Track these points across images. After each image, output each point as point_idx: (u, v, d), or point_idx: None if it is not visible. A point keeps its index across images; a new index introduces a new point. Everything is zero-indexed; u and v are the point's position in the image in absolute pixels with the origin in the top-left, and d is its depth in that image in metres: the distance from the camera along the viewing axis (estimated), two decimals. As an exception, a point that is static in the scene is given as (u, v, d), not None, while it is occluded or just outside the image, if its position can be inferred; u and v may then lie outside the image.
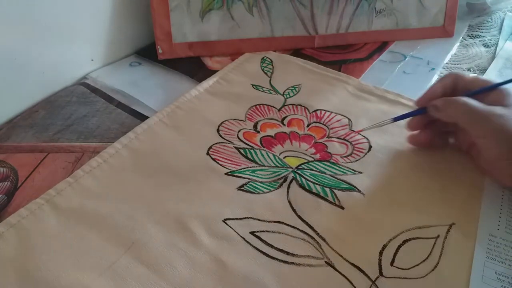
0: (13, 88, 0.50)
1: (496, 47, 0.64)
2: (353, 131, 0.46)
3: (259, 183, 0.41)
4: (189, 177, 0.42)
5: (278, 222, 0.38)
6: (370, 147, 0.45)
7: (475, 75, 0.41)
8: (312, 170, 0.43)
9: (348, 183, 0.41)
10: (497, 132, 0.36)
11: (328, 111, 0.50)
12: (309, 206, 0.39)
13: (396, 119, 0.42)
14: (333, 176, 0.42)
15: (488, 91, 0.39)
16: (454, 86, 0.41)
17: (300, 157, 0.44)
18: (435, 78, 0.57)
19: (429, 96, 0.41)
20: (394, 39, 0.65)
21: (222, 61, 0.60)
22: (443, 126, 0.42)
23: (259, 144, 0.46)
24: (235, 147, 0.45)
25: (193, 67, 0.59)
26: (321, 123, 0.49)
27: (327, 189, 0.40)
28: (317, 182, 0.41)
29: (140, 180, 0.41)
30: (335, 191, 0.40)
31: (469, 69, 0.60)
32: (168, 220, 0.38)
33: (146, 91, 0.55)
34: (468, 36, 0.68)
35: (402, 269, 0.34)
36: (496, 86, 0.39)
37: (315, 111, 0.50)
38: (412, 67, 0.60)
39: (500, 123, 0.36)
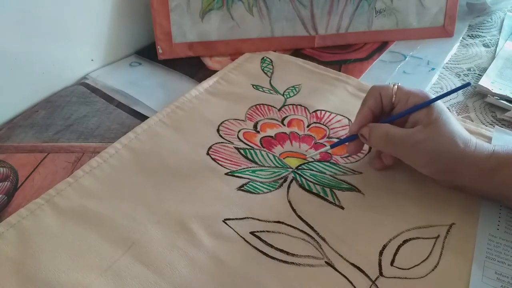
0: (13, 88, 0.50)
1: (496, 47, 0.64)
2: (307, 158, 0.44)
3: (259, 183, 0.41)
4: (189, 177, 0.42)
5: (278, 222, 0.38)
6: (370, 147, 0.45)
7: (396, 85, 0.39)
8: (312, 170, 0.43)
9: (348, 183, 0.41)
10: (418, 157, 0.37)
11: (328, 112, 0.50)
12: (309, 206, 0.39)
13: (333, 146, 0.42)
14: (333, 176, 0.42)
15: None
16: (380, 103, 0.40)
17: (299, 157, 0.44)
18: (435, 78, 0.57)
19: (359, 122, 0.40)
20: (394, 39, 0.65)
21: (222, 61, 0.60)
22: None
23: (259, 144, 0.46)
24: (235, 147, 0.45)
25: (193, 67, 0.59)
26: (321, 124, 0.49)
27: (327, 189, 0.40)
28: (317, 182, 0.41)
29: (140, 180, 0.41)
30: (335, 191, 0.40)
31: (469, 69, 0.60)
32: (168, 220, 0.38)
33: (146, 91, 0.55)
34: (468, 36, 0.68)
35: (402, 269, 0.34)
36: (416, 109, 0.37)
37: (315, 111, 0.50)
38: (412, 67, 0.60)
39: (420, 151, 0.36)
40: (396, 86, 0.39)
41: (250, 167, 0.43)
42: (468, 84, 0.39)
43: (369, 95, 0.40)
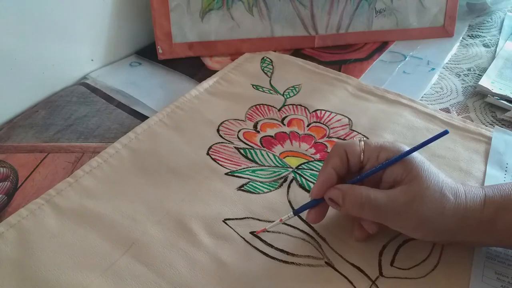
0: (13, 88, 0.50)
1: (496, 47, 0.64)
2: (255, 232, 0.37)
3: (259, 183, 0.41)
4: (189, 177, 0.42)
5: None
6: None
7: (363, 141, 0.35)
8: (312, 170, 0.43)
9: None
10: (408, 222, 0.32)
11: (328, 111, 0.50)
12: (309, 206, 0.39)
13: (296, 212, 0.36)
14: (333, 176, 0.42)
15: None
16: (346, 162, 0.35)
17: (300, 157, 0.44)
18: (435, 78, 0.57)
19: (324, 185, 0.34)
20: (394, 39, 0.65)
21: (222, 61, 0.60)
22: None
23: (259, 144, 0.46)
24: (235, 147, 0.45)
25: (193, 67, 0.59)
26: (321, 123, 0.49)
27: (327, 189, 0.40)
28: (317, 182, 0.41)
29: (140, 180, 0.41)
30: (335, 191, 0.40)
31: (469, 69, 0.60)
32: (168, 220, 0.38)
33: (146, 91, 0.55)
34: (468, 36, 0.68)
35: (402, 269, 0.34)
36: (389, 164, 0.33)
37: (315, 111, 0.50)
38: (412, 67, 0.60)
39: (410, 213, 0.31)
40: (362, 143, 0.34)
41: (250, 167, 0.43)
42: (445, 132, 0.33)
43: (333, 153, 0.35)
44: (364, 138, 0.35)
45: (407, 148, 0.33)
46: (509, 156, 0.44)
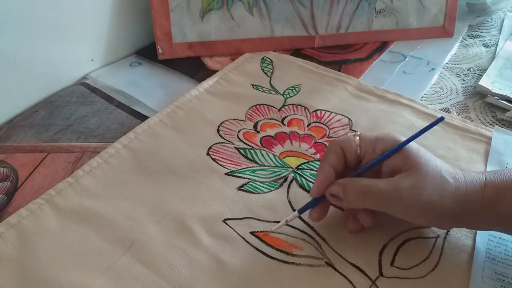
0: (13, 88, 0.50)
1: (496, 47, 0.64)
2: (259, 232, 0.37)
3: (259, 183, 0.41)
4: (189, 177, 0.42)
5: (278, 222, 0.37)
6: None
7: (357, 135, 0.35)
8: (312, 170, 0.43)
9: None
10: (412, 208, 0.32)
11: (328, 111, 0.50)
12: (309, 206, 0.39)
13: (301, 211, 0.36)
14: (333, 176, 0.42)
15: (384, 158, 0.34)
16: (342, 158, 0.35)
17: (300, 157, 0.44)
18: (435, 78, 0.57)
19: (323, 183, 0.34)
20: (394, 39, 0.65)
21: (222, 61, 0.60)
22: None
23: (259, 144, 0.46)
24: (235, 147, 0.45)
25: (193, 67, 0.59)
26: (321, 123, 0.49)
27: (327, 189, 0.40)
28: (317, 182, 0.41)
29: (140, 180, 0.41)
30: (335, 191, 0.40)
31: (469, 69, 0.60)
32: (168, 220, 0.38)
33: (146, 91, 0.55)
34: (468, 36, 0.68)
35: (402, 269, 0.34)
36: (387, 156, 0.33)
37: (315, 111, 0.50)
38: (412, 67, 0.60)
39: (413, 198, 0.31)
40: (357, 137, 0.35)
41: (250, 167, 0.43)
42: (441, 119, 0.34)
43: (329, 150, 0.35)
44: (358, 133, 0.35)
45: (402, 138, 0.34)
46: (509, 156, 0.44)
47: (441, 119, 0.34)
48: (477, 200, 0.32)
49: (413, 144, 0.33)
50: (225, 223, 0.37)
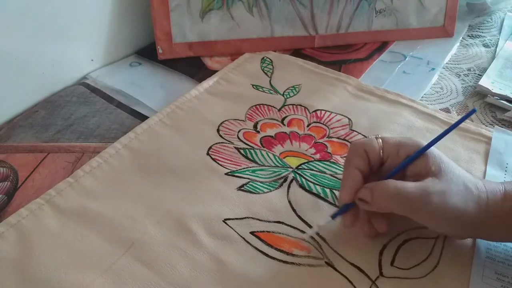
0: (13, 88, 0.50)
1: (496, 47, 0.64)
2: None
3: (259, 183, 0.41)
4: (189, 177, 0.42)
5: (278, 222, 0.38)
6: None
7: (379, 138, 0.34)
8: (312, 170, 0.43)
9: (348, 183, 0.41)
10: (438, 214, 0.31)
11: (328, 111, 0.50)
12: (309, 206, 0.39)
13: (334, 216, 0.36)
14: (333, 176, 0.42)
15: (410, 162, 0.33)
16: (367, 161, 0.34)
17: (300, 156, 0.44)
18: (435, 78, 0.57)
19: (352, 187, 0.33)
20: (394, 39, 0.65)
21: (222, 61, 0.60)
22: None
23: (259, 144, 0.46)
24: (235, 147, 0.45)
25: (193, 67, 0.59)
26: (321, 123, 0.49)
27: (327, 190, 0.40)
28: (317, 183, 0.41)
29: (140, 180, 0.41)
30: (335, 192, 0.40)
31: (469, 69, 0.60)
32: (168, 220, 0.38)
33: (146, 91, 0.55)
34: (468, 36, 0.68)
35: (402, 269, 0.34)
36: (413, 159, 0.33)
37: (315, 111, 0.50)
38: (412, 67, 0.60)
39: (441, 204, 0.31)
40: (380, 140, 0.34)
41: (250, 167, 0.43)
42: (473, 111, 0.34)
43: (352, 154, 0.34)
44: (379, 135, 0.35)
45: (424, 143, 0.33)
46: (509, 156, 0.44)
47: (474, 111, 0.34)
48: (496, 210, 0.32)
49: (435, 149, 0.33)
50: (225, 223, 0.37)
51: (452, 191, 0.31)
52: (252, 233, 0.37)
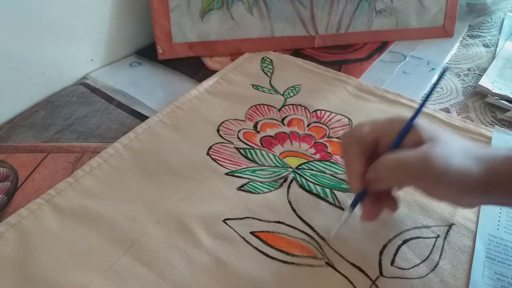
0: (13, 88, 0.50)
1: (496, 47, 0.64)
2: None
3: (259, 183, 0.41)
4: (189, 177, 0.42)
5: (278, 222, 0.38)
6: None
7: (363, 123, 0.35)
8: (313, 170, 0.43)
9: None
10: (442, 177, 0.30)
11: (328, 111, 0.50)
12: (309, 206, 0.39)
13: (353, 205, 0.35)
14: (333, 176, 0.42)
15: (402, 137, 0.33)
16: (361, 145, 0.34)
17: (299, 156, 0.44)
18: (435, 78, 0.57)
19: (358, 175, 0.33)
20: (394, 39, 0.65)
21: (222, 61, 0.60)
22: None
23: (259, 144, 0.46)
24: (235, 147, 0.45)
25: (193, 67, 0.59)
26: (321, 123, 0.49)
27: (327, 190, 0.40)
28: (317, 183, 0.41)
29: (140, 180, 0.41)
30: (335, 192, 0.40)
31: (469, 69, 0.60)
32: (168, 220, 0.38)
33: (146, 91, 0.55)
34: (468, 36, 0.68)
35: (402, 269, 0.34)
36: (408, 129, 0.33)
37: (315, 111, 0.50)
38: (412, 67, 0.60)
39: (442, 167, 0.30)
40: (366, 125, 0.34)
41: (250, 167, 0.43)
42: (445, 71, 0.35)
43: (346, 144, 0.35)
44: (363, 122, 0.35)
45: (409, 116, 0.33)
46: (509, 156, 0.44)
47: (445, 70, 0.35)
48: (502, 169, 0.30)
49: (424, 121, 0.33)
50: (225, 223, 0.37)
51: (452, 153, 0.30)
52: (252, 233, 0.37)
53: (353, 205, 0.35)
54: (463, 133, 0.47)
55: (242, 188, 0.41)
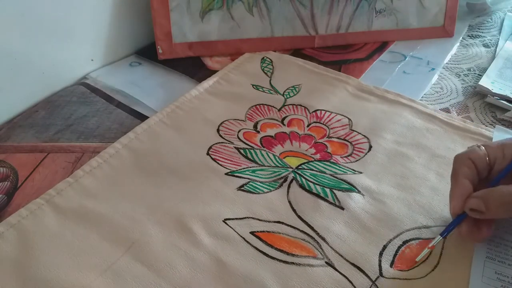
0: (13, 88, 0.50)
1: (496, 47, 0.64)
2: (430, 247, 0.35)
3: (259, 183, 0.41)
4: (189, 177, 0.42)
5: (278, 222, 0.38)
6: (370, 147, 0.45)
7: (481, 145, 0.34)
8: (312, 170, 0.43)
9: (348, 183, 0.41)
10: None
11: (328, 111, 0.50)
12: (309, 206, 0.39)
13: (443, 234, 0.35)
14: (333, 176, 0.42)
15: None
16: (475, 170, 0.34)
17: (299, 157, 0.44)
18: (435, 78, 0.57)
19: (462, 197, 0.33)
20: (394, 39, 0.65)
21: (222, 61, 0.60)
22: None
23: (259, 144, 0.46)
24: (235, 147, 0.45)
25: (193, 67, 0.59)
26: (321, 123, 0.49)
27: (327, 190, 0.40)
28: (317, 183, 0.41)
29: (140, 180, 0.41)
30: (335, 191, 0.40)
31: (469, 69, 0.60)
32: (168, 220, 0.38)
33: (146, 91, 0.55)
34: (468, 36, 0.68)
35: (402, 269, 0.34)
36: None
37: (315, 111, 0.50)
38: (412, 67, 0.60)
39: None
40: (482, 146, 0.34)
41: (250, 167, 0.43)
42: None
43: (458, 164, 0.35)
44: (480, 144, 0.35)
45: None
46: (509, 156, 0.44)
47: None
48: None
49: None
50: (225, 223, 0.37)
51: None
52: (252, 233, 0.37)
53: (445, 233, 0.35)
54: (463, 133, 0.47)
55: (242, 188, 0.41)
